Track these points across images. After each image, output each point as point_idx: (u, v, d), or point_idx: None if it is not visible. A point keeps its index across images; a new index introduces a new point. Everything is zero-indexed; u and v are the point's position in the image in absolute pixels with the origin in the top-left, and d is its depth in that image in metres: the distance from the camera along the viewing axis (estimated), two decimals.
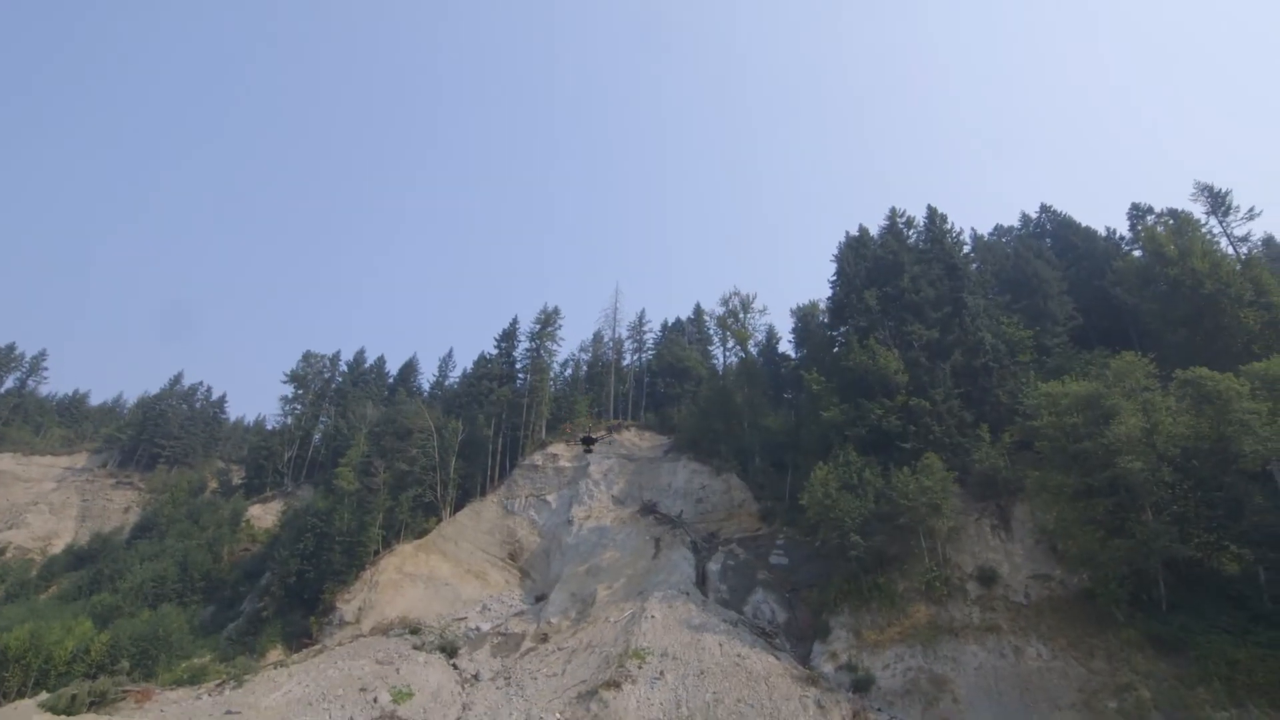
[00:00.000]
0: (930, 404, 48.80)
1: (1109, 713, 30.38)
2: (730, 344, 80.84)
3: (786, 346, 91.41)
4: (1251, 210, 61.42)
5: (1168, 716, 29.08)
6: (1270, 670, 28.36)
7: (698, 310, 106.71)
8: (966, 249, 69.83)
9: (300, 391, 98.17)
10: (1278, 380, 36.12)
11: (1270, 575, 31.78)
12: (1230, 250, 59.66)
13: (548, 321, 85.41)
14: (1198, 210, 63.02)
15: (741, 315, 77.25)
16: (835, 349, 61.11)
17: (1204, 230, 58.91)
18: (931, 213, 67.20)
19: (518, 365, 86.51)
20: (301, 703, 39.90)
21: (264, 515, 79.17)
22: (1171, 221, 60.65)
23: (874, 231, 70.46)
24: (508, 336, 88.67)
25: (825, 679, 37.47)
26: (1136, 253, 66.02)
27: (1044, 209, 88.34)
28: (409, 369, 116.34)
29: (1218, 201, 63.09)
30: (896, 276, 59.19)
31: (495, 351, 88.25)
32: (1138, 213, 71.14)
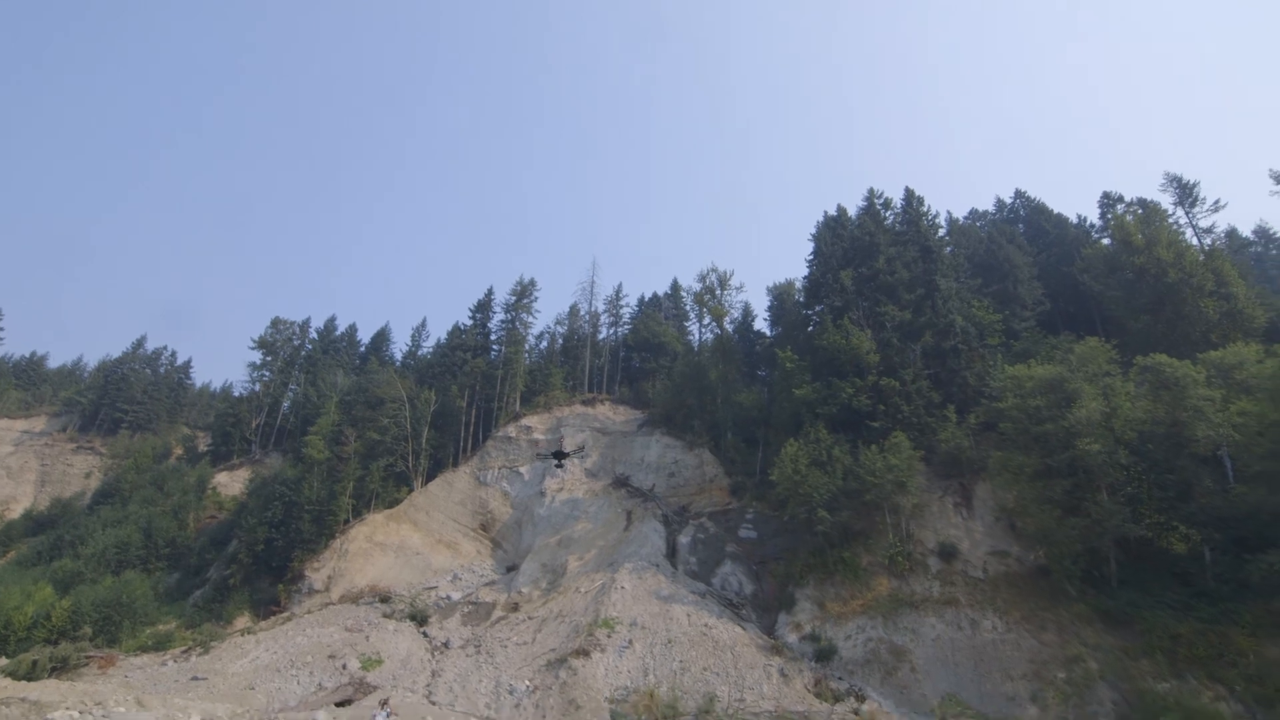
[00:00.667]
0: (900, 384, 49.62)
1: (1058, 683, 31.74)
2: (706, 320, 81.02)
3: (762, 324, 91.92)
4: (1217, 203, 62.96)
5: (1112, 686, 30.49)
6: (1209, 644, 29.89)
7: (675, 286, 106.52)
8: (941, 232, 70.55)
9: (269, 358, 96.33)
10: (1232, 369, 37.42)
11: (1215, 555, 33.27)
12: (1195, 241, 61.16)
13: (524, 293, 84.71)
14: (1166, 201, 64.41)
15: (718, 292, 77.32)
16: (810, 328, 61.63)
17: (1171, 221, 60.22)
18: (909, 195, 67.58)
19: (492, 337, 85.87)
20: (270, 669, 39.92)
21: (231, 483, 78.18)
22: (1140, 211, 61.84)
23: (852, 212, 70.76)
24: (483, 307, 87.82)
25: (789, 649, 38.49)
26: (1105, 240, 67.32)
27: (1018, 194, 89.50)
28: (381, 338, 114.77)
29: (1185, 192, 64.49)
30: (872, 258, 59.63)
31: (470, 322, 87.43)
32: (1108, 201, 72.40)
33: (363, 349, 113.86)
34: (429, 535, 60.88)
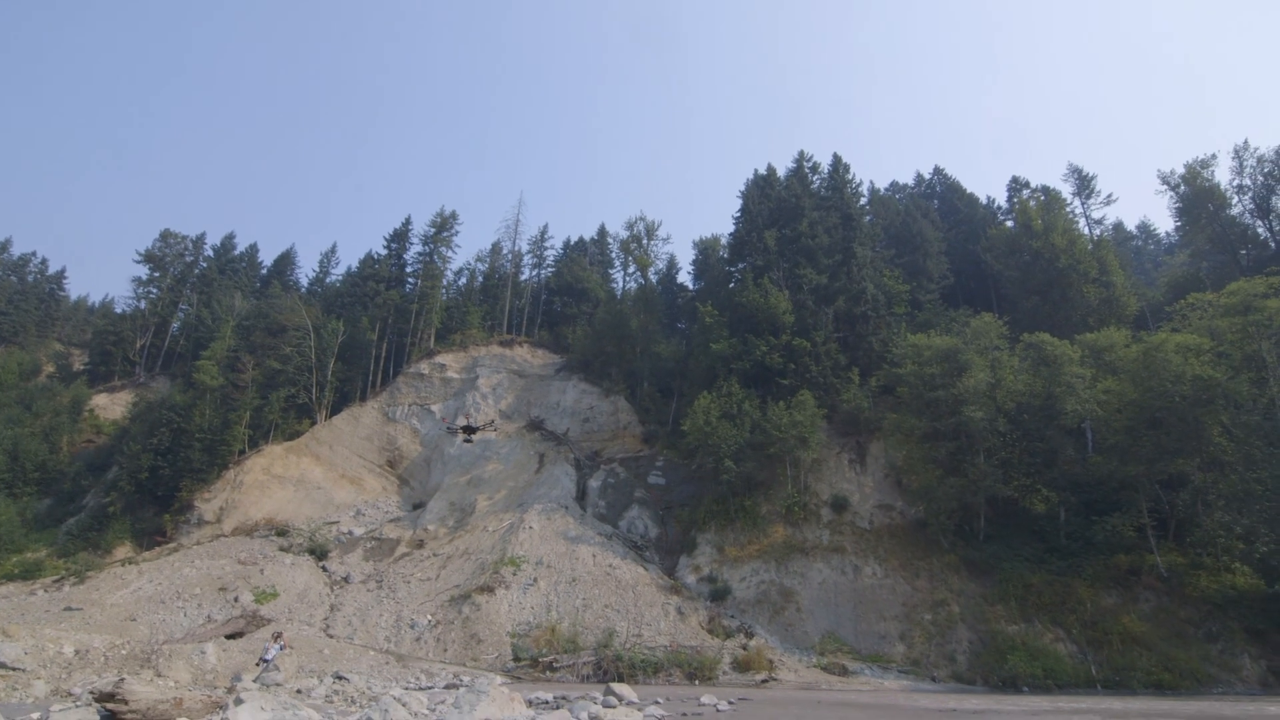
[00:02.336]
0: (811, 345, 51.65)
1: (924, 623, 35.12)
2: (631, 269, 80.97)
3: (685, 277, 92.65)
4: (1109, 196, 68.13)
5: (970, 628, 34.12)
6: (1055, 593, 33.96)
7: (602, 232, 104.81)
8: (863, 201, 72.65)
9: (157, 274, 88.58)
10: (1104, 350, 41.17)
11: (1068, 515, 37.36)
12: (1086, 230, 66.01)
13: (444, 226, 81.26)
14: (1067, 190, 68.95)
15: (645, 241, 77.06)
16: (731, 284, 62.71)
17: (1068, 209, 64.58)
18: (836, 161, 68.96)
19: (409, 269, 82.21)
20: (153, 600, 38.31)
21: (111, 405, 72.61)
22: (1043, 198, 65.90)
23: (781, 173, 71.63)
24: (399, 237, 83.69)
25: (687, 589, 40.46)
26: (1010, 223, 71.41)
27: (936, 171, 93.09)
28: (285, 261, 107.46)
29: (1084, 184, 69.21)
30: (796, 220, 60.89)
31: (384, 252, 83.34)
32: (1016, 185, 76.47)
33: (264, 271, 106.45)
34: (332, 469, 59.16)
